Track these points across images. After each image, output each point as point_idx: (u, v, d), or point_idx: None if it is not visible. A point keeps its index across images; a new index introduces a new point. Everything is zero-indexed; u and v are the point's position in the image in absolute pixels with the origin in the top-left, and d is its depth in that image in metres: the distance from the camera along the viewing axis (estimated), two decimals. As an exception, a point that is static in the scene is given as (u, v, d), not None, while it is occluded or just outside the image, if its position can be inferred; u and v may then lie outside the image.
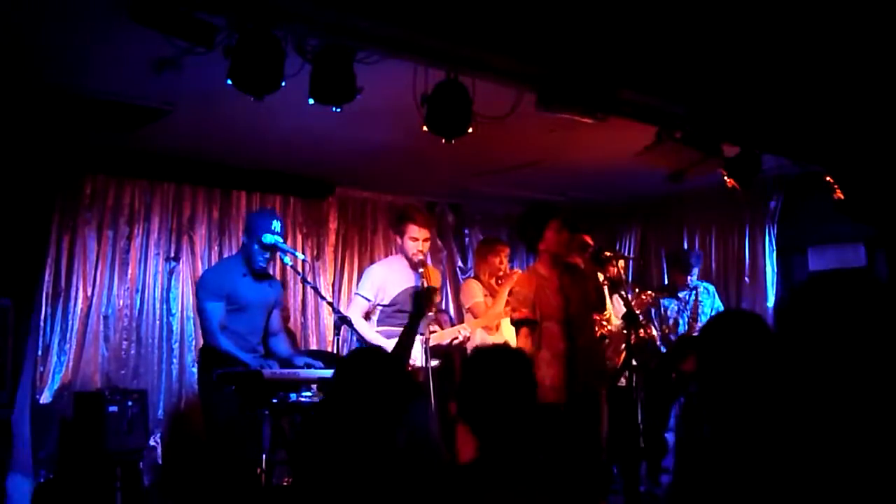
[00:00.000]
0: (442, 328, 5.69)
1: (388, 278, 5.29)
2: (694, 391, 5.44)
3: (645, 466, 5.72)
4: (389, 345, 5.18)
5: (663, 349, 6.61)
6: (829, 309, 1.67)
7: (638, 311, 5.99)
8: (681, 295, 6.73)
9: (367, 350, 3.12)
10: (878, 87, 4.63)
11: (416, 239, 5.18)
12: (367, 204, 7.51)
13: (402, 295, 5.24)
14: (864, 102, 4.79)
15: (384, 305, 5.27)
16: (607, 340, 6.03)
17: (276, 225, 4.81)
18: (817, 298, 1.70)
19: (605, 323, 5.91)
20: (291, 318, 6.82)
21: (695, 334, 6.49)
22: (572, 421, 4.59)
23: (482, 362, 2.48)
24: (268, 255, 4.79)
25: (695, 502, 2.00)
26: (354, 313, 5.14)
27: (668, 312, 6.71)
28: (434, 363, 4.99)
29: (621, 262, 6.59)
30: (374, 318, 5.32)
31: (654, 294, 6.54)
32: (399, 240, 5.37)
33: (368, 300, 5.26)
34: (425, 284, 5.08)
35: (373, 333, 5.24)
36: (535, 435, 2.37)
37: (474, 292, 5.76)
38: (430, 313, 5.11)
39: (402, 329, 5.20)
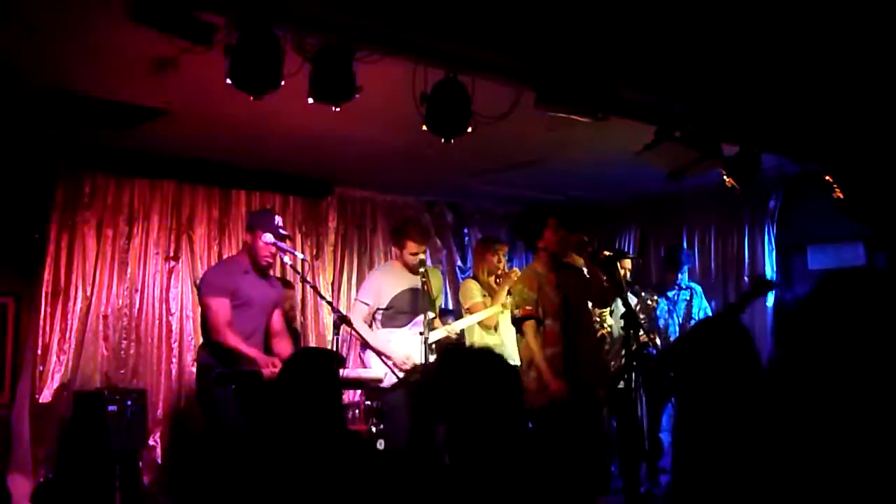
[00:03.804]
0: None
1: (384, 283, 5.46)
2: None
3: (645, 467, 5.72)
4: (387, 344, 5.25)
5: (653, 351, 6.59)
6: (847, 307, 1.64)
7: (643, 317, 5.98)
8: (670, 294, 6.72)
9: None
10: (877, 86, 4.62)
11: (416, 254, 5.32)
12: (366, 203, 7.51)
13: (398, 298, 5.36)
14: (864, 102, 4.79)
15: (383, 309, 5.39)
16: (607, 341, 6.02)
17: (279, 220, 4.92)
18: (835, 297, 1.67)
19: (602, 324, 5.89)
20: (291, 318, 6.82)
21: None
22: (573, 419, 4.59)
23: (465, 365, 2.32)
24: (273, 251, 4.82)
25: (694, 502, 2.00)
26: (356, 319, 5.22)
27: (658, 312, 6.69)
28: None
29: (627, 263, 6.57)
30: (378, 321, 5.43)
31: (657, 298, 6.52)
32: (398, 251, 5.49)
33: (367, 305, 5.41)
34: (425, 287, 5.13)
35: (372, 334, 5.33)
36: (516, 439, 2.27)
37: (473, 292, 5.79)
38: (430, 313, 5.15)
39: (401, 331, 5.28)
